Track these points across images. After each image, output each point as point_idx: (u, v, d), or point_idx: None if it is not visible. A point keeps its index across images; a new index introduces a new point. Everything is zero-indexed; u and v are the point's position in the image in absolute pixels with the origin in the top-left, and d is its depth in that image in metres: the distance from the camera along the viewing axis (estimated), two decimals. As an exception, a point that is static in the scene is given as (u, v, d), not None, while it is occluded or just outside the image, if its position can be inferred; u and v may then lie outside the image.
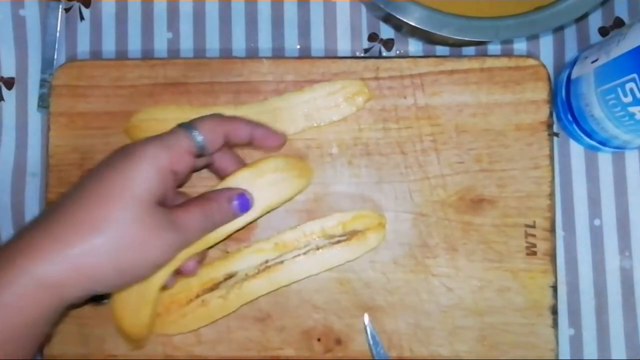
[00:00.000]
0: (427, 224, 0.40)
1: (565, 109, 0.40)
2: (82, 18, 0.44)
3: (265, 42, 0.43)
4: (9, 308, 0.28)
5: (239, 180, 0.37)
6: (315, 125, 0.40)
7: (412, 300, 0.40)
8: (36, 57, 0.44)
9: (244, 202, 0.36)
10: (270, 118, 0.40)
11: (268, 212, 0.38)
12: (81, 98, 0.41)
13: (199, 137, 0.33)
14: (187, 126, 0.34)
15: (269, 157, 0.38)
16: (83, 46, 0.44)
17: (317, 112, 0.40)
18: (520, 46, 0.43)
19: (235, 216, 0.36)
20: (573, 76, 0.39)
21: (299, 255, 0.39)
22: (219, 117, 0.35)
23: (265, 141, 0.37)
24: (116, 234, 0.30)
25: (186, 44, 0.43)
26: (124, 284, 0.32)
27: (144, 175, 0.31)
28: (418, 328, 0.40)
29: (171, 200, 0.34)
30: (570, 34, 0.43)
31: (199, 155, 0.34)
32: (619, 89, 0.34)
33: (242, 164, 0.38)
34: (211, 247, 0.37)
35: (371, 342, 0.39)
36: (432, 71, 0.41)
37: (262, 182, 0.37)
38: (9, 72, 0.44)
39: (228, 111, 0.40)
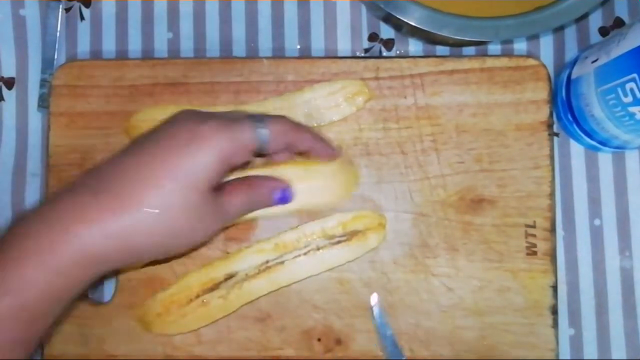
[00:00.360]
0: (427, 224, 0.40)
1: (565, 109, 0.40)
2: (82, 18, 0.44)
3: (265, 42, 0.43)
4: (59, 270, 0.28)
5: (289, 174, 0.37)
6: (315, 125, 0.41)
7: (412, 300, 0.40)
8: (36, 57, 0.44)
9: (286, 197, 0.36)
10: None
11: (300, 211, 0.39)
12: (81, 98, 0.41)
13: (264, 136, 0.32)
14: (255, 119, 0.32)
15: (328, 164, 0.38)
16: (83, 46, 0.44)
17: (317, 112, 0.40)
18: (520, 46, 0.43)
19: (272, 205, 0.36)
20: (573, 76, 0.39)
21: (299, 255, 0.39)
22: (289, 123, 0.34)
23: (322, 154, 0.37)
24: (170, 218, 0.29)
25: (186, 44, 0.43)
26: (160, 258, 0.32)
27: (207, 165, 0.30)
28: (418, 328, 0.40)
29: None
30: (571, 34, 0.43)
31: (258, 152, 0.33)
32: (619, 89, 0.34)
33: (293, 158, 0.37)
34: None
35: (378, 323, 0.39)
36: (432, 71, 0.41)
37: (310, 185, 0.38)
38: (9, 72, 0.44)
39: (228, 110, 0.40)
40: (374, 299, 0.40)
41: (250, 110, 0.40)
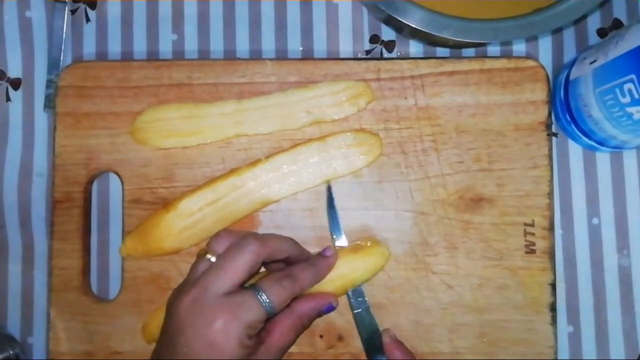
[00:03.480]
0: (428, 222, 0.41)
1: (563, 110, 0.41)
2: (87, 19, 0.44)
3: (268, 44, 0.44)
4: None
5: (308, 151, 0.39)
6: (316, 121, 0.41)
7: (413, 297, 0.40)
8: (42, 58, 0.44)
9: (330, 308, 0.37)
10: (272, 113, 0.41)
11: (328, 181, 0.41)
12: (87, 99, 0.42)
13: (269, 305, 0.32)
14: (256, 289, 0.32)
15: (337, 133, 0.40)
16: (89, 47, 0.44)
17: (318, 109, 0.41)
18: (519, 47, 0.44)
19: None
20: (572, 77, 0.40)
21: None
22: (294, 285, 0.34)
23: (324, 272, 0.38)
24: None
25: (191, 46, 0.44)
26: None
27: (234, 350, 0.31)
28: (418, 325, 0.40)
29: None
30: (569, 35, 0.44)
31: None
32: (617, 90, 0.34)
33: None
34: None
35: (330, 216, 0.40)
36: (433, 72, 0.41)
37: (330, 155, 0.40)
38: (16, 72, 0.44)
39: (231, 106, 0.41)
40: (330, 189, 0.40)
41: (253, 104, 0.40)
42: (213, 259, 0.33)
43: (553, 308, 0.40)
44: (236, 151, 0.41)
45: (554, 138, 0.42)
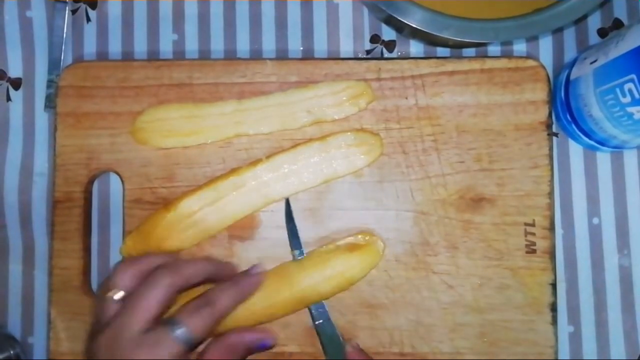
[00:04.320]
0: (428, 222, 0.41)
1: (564, 109, 0.41)
2: (88, 19, 0.44)
3: (269, 44, 0.44)
4: None
5: (308, 151, 0.39)
6: (316, 121, 0.41)
7: (413, 297, 0.40)
8: (43, 58, 0.44)
9: (266, 345, 0.37)
10: (273, 112, 0.41)
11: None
12: (87, 98, 0.42)
13: (185, 335, 0.32)
14: (169, 324, 0.32)
15: (338, 133, 0.40)
16: (89, 47, 0.44)
17: (319, 109, 0.41)
18: (519, 47, 0.44)
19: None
20: (572, 77, 0.40)
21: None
22: (214, 311, 0.34)
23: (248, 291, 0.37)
24: None
25: (191, 46, 0.44)
26: None
27: None
28: (419, 325, 0.40)
29: None
30: (570, 35, 0.44)
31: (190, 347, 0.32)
32: (617, 90, 0.34)
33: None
34: None
35: (289, 230, 0.40)
36: (433, 72, 0.41)
37: (331, 155, 0.40)
38: (16, 72, 0.44)
39: (231, 106, 0.41)
40: (287, 202, 0.40)
41: (253, 104, 0.40)
42: (119, 296, 0.33)
43: (554, 308, 0.40)
44: (237, 151, 0.41)
45: (554, 138, 0.42)
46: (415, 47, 0.44)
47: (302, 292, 0.39)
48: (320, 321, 0.39)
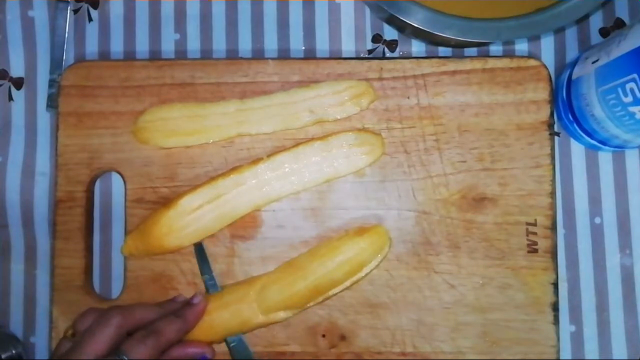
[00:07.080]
0: (430, 222, 0.41)
1: (566, 109, 0.41)
2: (90, 19, 0.44)
3: (271, 43, 0.44)
4: None
5: (309, 150, 0.39)
6: (318, 121, 0.41)
7: (415, 296, 0.40)
8: (45, 58, 0.44)
9: (204, 359, 0.38)
10: (275, 112, 0.41)
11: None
12: (89, 98, 0.42)
13: None
14: (114, 352, 0.34)
15: (340, 132, 0.40)
16: (91, 47, 0.44)
17: (321, 109, 0.41)
18: (521, 47, 0.44)
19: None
20: (574, 76, 0.40)
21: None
22: (159, 341, 0.35)
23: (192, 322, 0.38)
24: None
25: (193, 45, 0.44)
26: None
27: None
28: (421, 324, 0.40)
29: None
30: (571, 34, 0.44)
31: None
32: (619, 89, 0.34)
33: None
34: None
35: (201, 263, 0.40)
36: (435, 72, 0.41)
37: (333, 154, 0.40)
38: (18, 72, 0.44)
39: (233, 105, 0.41)
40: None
41: (255, 104, 0.40)
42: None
43: (555, 307, 0.40)
44: (238, 150, 0.41)
45: (556, 137, 0.42)
46: (417, 47, 0.44)
47: (316, 281, 0.39)
48: (234, 344, 0.40)
